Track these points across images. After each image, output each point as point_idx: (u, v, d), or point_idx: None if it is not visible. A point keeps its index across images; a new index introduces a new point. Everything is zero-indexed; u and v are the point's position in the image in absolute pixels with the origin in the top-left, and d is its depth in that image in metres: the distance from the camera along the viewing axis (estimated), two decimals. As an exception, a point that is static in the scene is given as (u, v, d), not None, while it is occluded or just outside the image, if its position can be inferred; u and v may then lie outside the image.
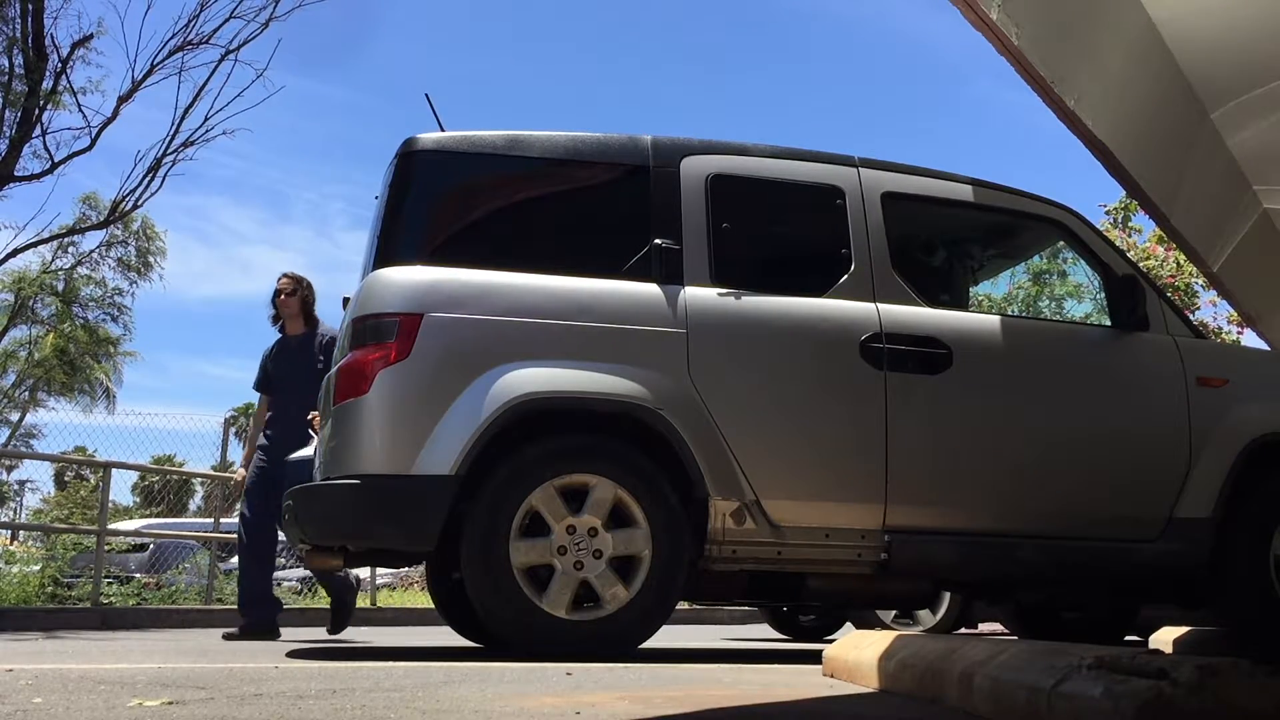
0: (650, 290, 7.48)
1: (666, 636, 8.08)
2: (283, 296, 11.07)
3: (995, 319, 8.44)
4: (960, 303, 9.69)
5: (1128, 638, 11.11)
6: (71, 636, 11.32)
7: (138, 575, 17.58)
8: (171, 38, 23.23)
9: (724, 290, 7.59)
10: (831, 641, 6.81)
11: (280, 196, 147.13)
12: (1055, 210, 8.61)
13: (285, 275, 11.20)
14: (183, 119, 23.00)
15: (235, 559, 24.95)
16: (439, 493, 6.91)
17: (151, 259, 48.83)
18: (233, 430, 21.95)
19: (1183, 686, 3.13)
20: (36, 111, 22.07)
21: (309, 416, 9.90)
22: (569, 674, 5.40)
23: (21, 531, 24.59)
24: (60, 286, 46.31)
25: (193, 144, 23.07)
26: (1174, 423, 8.21)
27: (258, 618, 10.76)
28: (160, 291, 74.35)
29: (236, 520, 11.75)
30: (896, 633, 5.71)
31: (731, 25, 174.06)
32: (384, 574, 23.16)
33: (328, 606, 12.22)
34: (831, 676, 5.63)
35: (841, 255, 7.94)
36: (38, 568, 15.24)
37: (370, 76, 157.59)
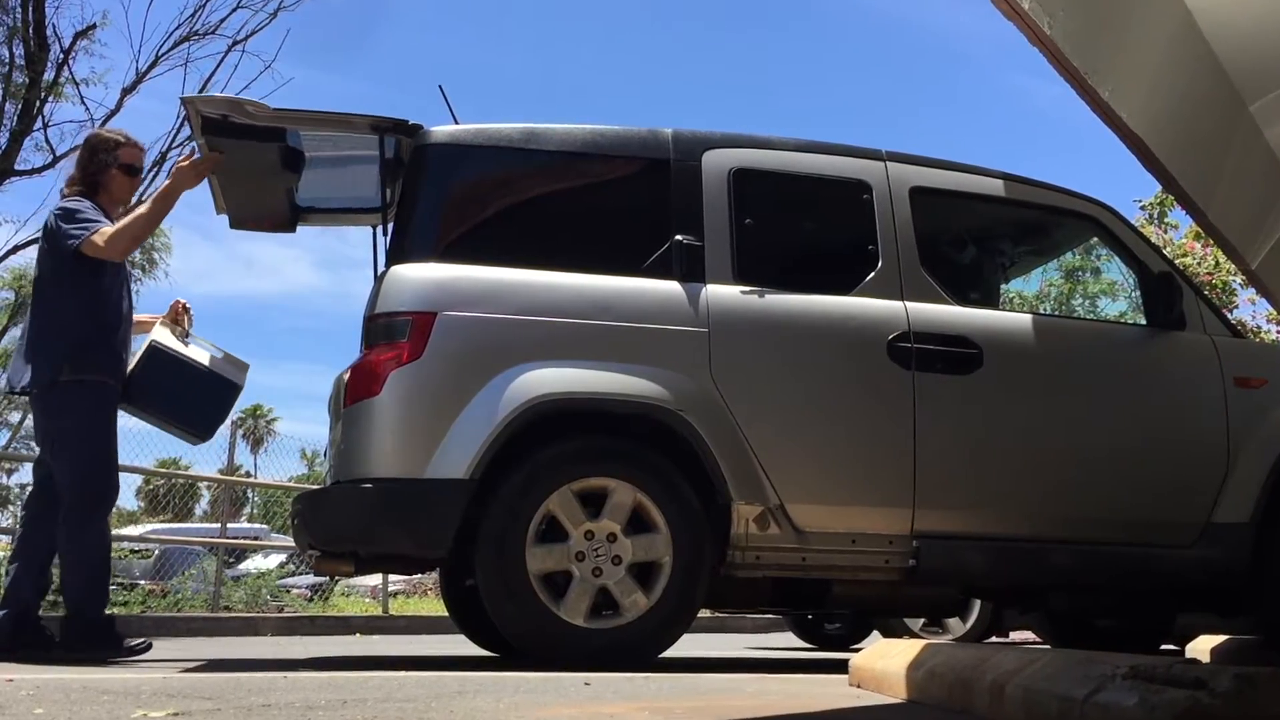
0: (671, 288, 7.48)
1: (687, 645, 8.08)
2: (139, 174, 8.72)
3: (1027, 318, 8.45)
4: (991, 301, 9.67)
5: (1164, 646, 11.09)
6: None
7: (142, 582, 17.63)
8: (177, 28, 23.40)
9: (747, 288, 7.59)
10: (858, 650, 6.81)
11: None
12: (1088, 205, 8.59)
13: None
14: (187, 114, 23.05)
15: (243, 564, 25.02)
16: (453, 497, 6.92)
17: (156, 255, 48.65)
18: (240, 432, 21.90)
19: (1220, 697, 3.13)
20: (38, 104, 22.14)
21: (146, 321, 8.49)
22: (587, 684, 5.40)
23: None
24: (62, 284, 46.23)
25: (198, 138, 23.13)
26: (1211, 425, 8.19)
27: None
28: (164, 289, 74.34)
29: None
30: (925, 641, 5.70)
31: (753, 14, 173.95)
32: (396, 581, 23.23)
33: (339, 614, 12.10)
34: (858, 686, 5.62)
35: (868, 252, 7.93)
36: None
37: (380, 67, 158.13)
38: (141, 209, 7.88)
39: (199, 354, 8.34)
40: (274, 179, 8.41)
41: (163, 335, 8.25)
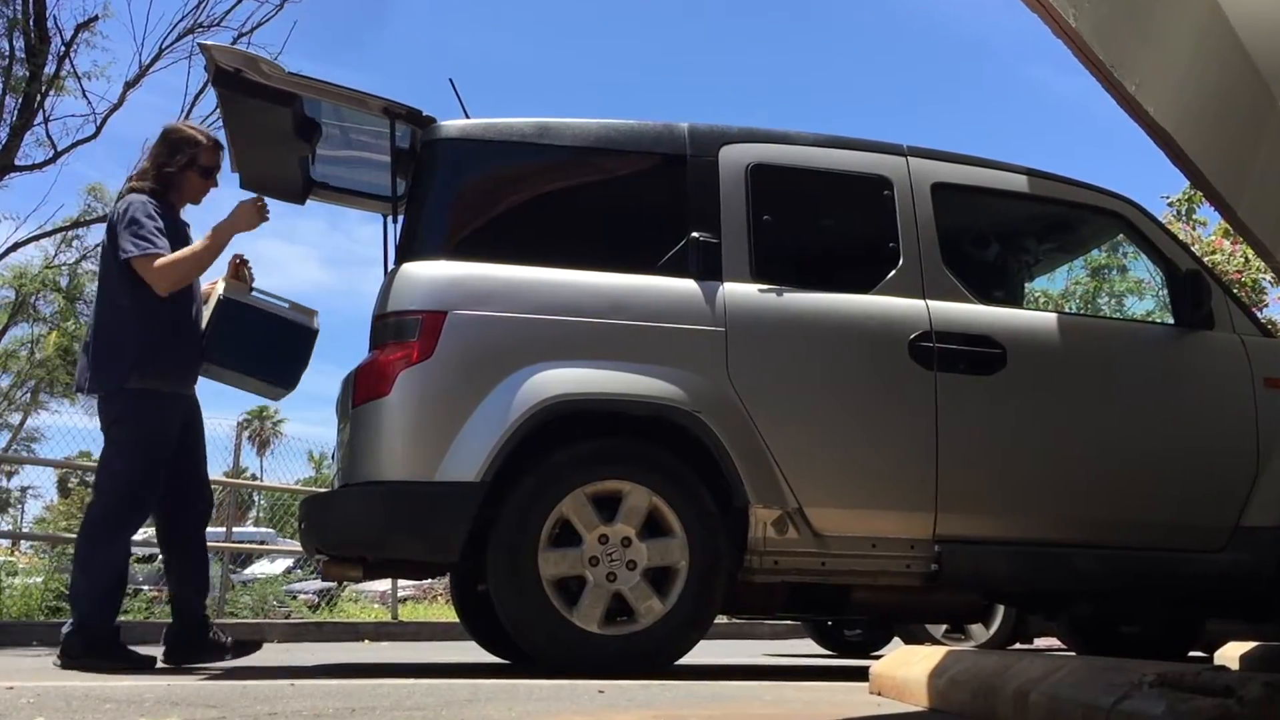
0: (687, 286, 7.48)
1: (704, 652, 8.06)
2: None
3: (1052, 317, 8.43)
4: (1015, 299, 9.68)
5: (1191, 654, 11.08)
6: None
7: (145, 588, 17.59)
8: (181, 20, 23.37)
9: (765, 286, 7.58)
10: (878, 657, 6.81)
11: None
12: (1115, 201, 8.57)
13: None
14: (192, 105, 23.03)
15: (249, 569, 25.00)
16: (464, 500, 6.91)
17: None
18: (246, 434, 21.93)
19: (1250, 705, 3.13)
20: (39, 97, 22.14)
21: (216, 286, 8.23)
22: (601, 691, 5.41)
23: (23, 541, 24.63)
24: (64, 282, 46.19)
25: (203, 132, 23.05)
26: (1240, 426, 8.18)
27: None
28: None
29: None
30: (947, 648, 5.71)
31: (768, 4, 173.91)
32: (406, 586, 23.17)
33: (347, 620, 12.07)
34: (879, 694, 5.63)
35: (889, 249, 7.93)
36: (40, 579, 15.26)
37: (389, 60, 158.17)
38: (198, 245, 7.77)
39: (268, 305, 8.23)
40: (287, 145, 8.37)
41: (229, 290, 8.10)
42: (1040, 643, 14.79)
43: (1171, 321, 8.41)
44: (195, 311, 8.06)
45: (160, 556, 8.27)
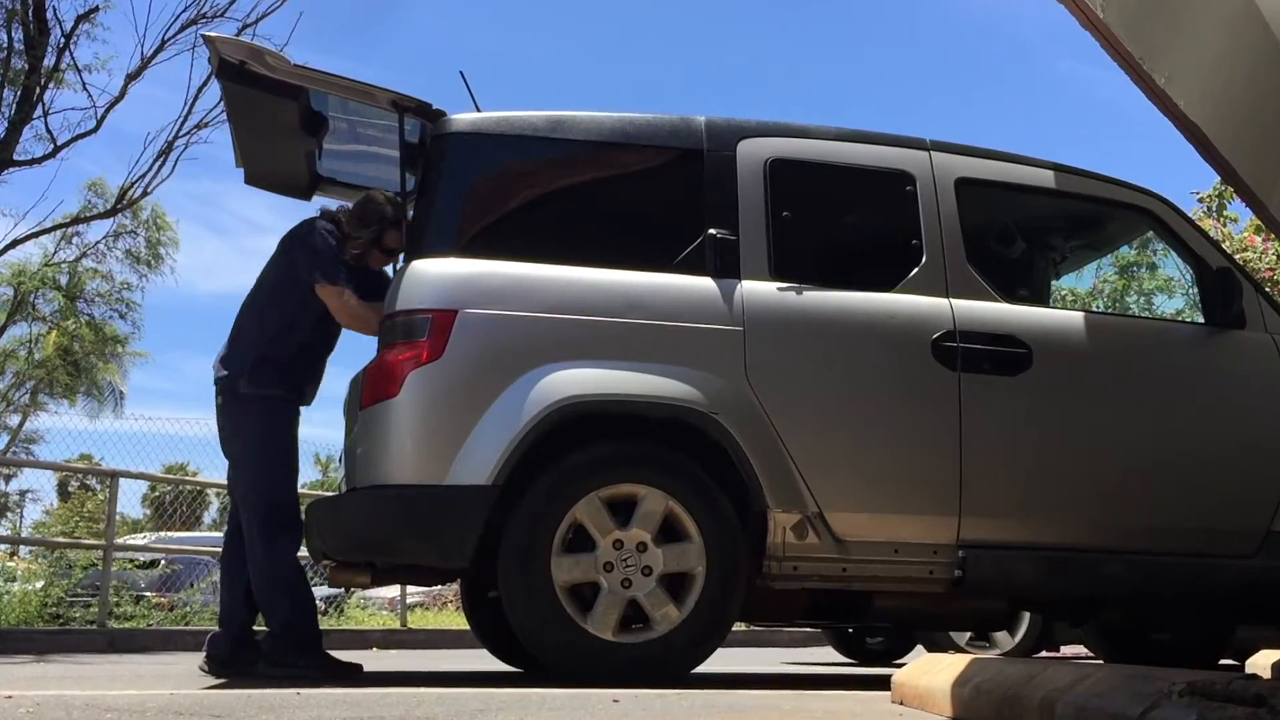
0: (704, 285, 7.47)
1: (721, 660, 8.06)
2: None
3: (1079, 316, 8.41)
4: (1041, 298, 9.65)
5: (1222, 661, 11.06)
6: (76, 660, 11.37)
7: (148, 594, 17.61)
8: (183, 11, 23.26)
9: (784, 285, 7.57)
10: (901, 666, 6.80)
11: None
12: (1143, 197, 8.54)
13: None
14: (196, 98, 22.98)
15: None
16: (475, 504, 6.92)
17: (162, 251, 48.27)
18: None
19: (1282, 715, 3.13)
20: (38, 90, 22.12)
21: None
22: (616, 701, 5.41)
23: (22, 546, 24.64)
24: (64, 280, 46.19)
25: (206, 125, 23.01)
26: (1273, 428, 8.15)
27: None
28: (171, 286, 73.98)
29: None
30: (971, 656, 5.71)
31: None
32: (415, 592, 23.19)
33: (354, 628, 12.06)
34: (901, 704, 5.62)
35: (912, 246, 7.91)
36: (39, 585, 15.28)
37: (398, 52, 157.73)
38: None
39: None
40: (292, 139, 8.41)
41: None
42: (1067, 650, 14.80)
43: (1202, 320, 8.39)
44: (330, 333, 8.30)
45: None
